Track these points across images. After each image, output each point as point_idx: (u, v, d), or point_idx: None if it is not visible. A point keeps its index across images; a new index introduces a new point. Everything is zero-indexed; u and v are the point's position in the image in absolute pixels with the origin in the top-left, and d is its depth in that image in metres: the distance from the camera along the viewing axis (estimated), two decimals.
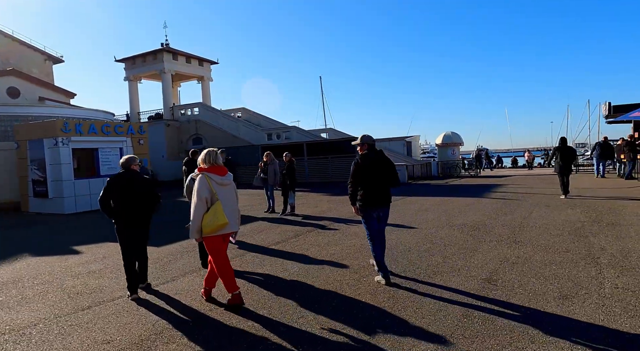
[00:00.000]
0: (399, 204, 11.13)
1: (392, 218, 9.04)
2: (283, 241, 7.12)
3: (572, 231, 6.67)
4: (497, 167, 35.49)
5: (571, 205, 9.52)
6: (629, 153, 15.30)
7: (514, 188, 14.15)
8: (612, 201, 9.73)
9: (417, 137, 27.25)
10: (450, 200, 11.41)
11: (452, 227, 7.49)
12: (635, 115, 12.81)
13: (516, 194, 12.12)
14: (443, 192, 14.41)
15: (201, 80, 30.02)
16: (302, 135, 22.80)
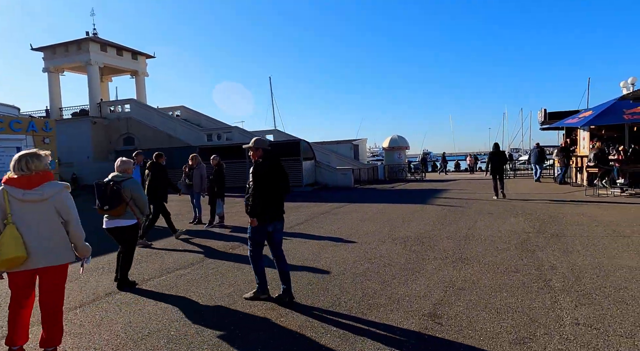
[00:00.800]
0: (341, 212, 10.33)
1: (331, 231, 8.17)
2: (195, 263, 5.95)
3: (518, 244, 6.19)
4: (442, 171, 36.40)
5: (513, 212, 9.26)
6: (563, 158, 15.83)
7: (457, 193, 13.98)
8: (551, 207, 9.63)
9: (365, 140, 26.99)
10: (394, 208, 10.82)
11: (394, 241, 6.76)
12: (569, 122, 13.17)
13: (460, 200, 11.84)
14: (388, 197, 13.90)
15: (135, 75, 27.59)
16: (245, 136, 21.45)
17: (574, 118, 13.15)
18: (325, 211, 10.79)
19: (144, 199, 5.04)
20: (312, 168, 19.46)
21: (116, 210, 4.77)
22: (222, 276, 5.24)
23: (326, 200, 13.38)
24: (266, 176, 4.17)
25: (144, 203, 5.01)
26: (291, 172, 18.56)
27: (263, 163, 4.25)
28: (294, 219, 9.56)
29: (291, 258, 5.87)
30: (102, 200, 4.76)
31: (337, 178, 19.32)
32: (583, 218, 8.10)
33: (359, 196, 14.60)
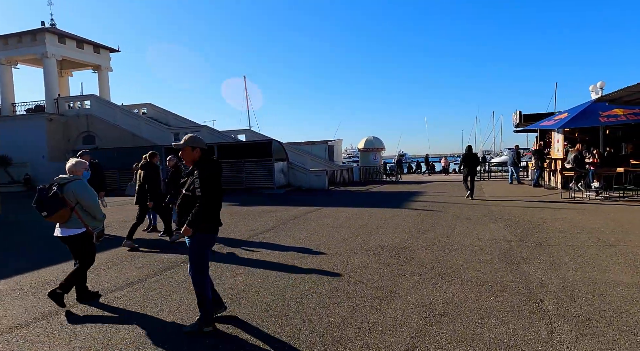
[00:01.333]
0: (312, 218, 9.63)
1: (299, 239, 7.31)
2: (138, 282, 5.10)
3: (501, 255, 5.67)
4: (416, 172, 36.37)
5: (491, 217, 8.83)
6: (537, 161, 15.73)
7: (433, 196, 13.56)
8: (529, 212, 9.27)
9: (340, 141, 26.41)
10: (368, 212, 10.21)
11: (367, 252, 6.11)
12: (544, 124, 13.00)
13: (436, 204, 11.38)
14: (363, 201, 13.32)
15: (98, 70, 25.97)
16: (215, 136, 20.46)
17: (549, 120, 12.97)
18: (295, 216, 10.06)
19: (93, 203, 4.26)
20: (284, 170, 18.69)
21: (57, 216, 4.09)
22: (166, 298, 4.42)
23: (298, 204, 12.65)
24: (218, 177, 3.57)
25: (94, 207, 4.25)
26: (263, 173, 17.75)
27: (211, 162, 3.58)
28: (259, 226, 8.78)
29: (249, 275, 5.10)
30: (39, 205, 4.08)
31: (311, 180, 18.63)
32: (564, 225, 7.73)
33: (332, 199, 13.95)
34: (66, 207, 4.10)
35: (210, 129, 21.13)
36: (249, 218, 10.02)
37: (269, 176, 17.60)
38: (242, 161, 17.95)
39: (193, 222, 3.44)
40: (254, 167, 17.81)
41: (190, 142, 3.61)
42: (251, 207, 12.28)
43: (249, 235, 7.85)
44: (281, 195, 15.93)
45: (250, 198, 14.99)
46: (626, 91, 8.86)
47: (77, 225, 4.19)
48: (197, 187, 3.43)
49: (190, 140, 3.62)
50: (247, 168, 17.88)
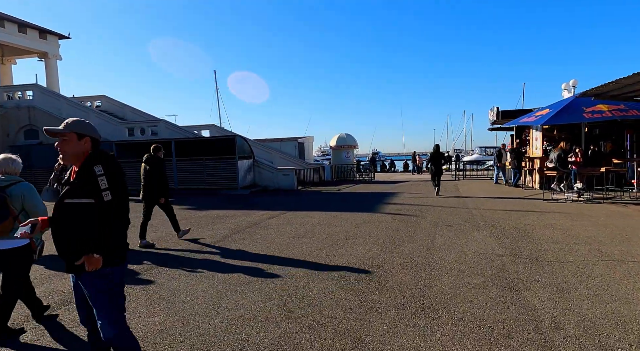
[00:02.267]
0: (273, 224, 8.36)
1: (251, 255, 5.82)
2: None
3: (494, 276, 4.62)
4: (390, 170, 35.69)
5: (474, 224, 7.86)
6: (514, 160, 15.08)
7: (409, 197, 12.57)
8: (514, 216, 8.37)
9: (311, 138, 25.19)
10: (338, 218, 9.05)
11: (332, 273, 4.92)
12: (524, 120, 12.29)
13: (412, 207, 10.36)
14: (333, 203, 12.16)
15: (44, 58, 23.56)
16: (174, 131, 18.76)
17: (529, 116, 12.24)
18: (254, 222, 8.76)
19: (44, 211, 3.40)
20: (250, 169, 17.29)
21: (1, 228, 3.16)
22: None
23: (260, 207, 11.34)
24: (124, 180, 2.48)
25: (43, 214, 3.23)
26: (225, 172, 16.29)
27: (112, 158, 2.47)
28: (208, 236, 7.43)
29: (170, 314, 3.78)
30: None
31: (279, 179, 17.32)
32: (556, 233, 6.83)
33: (300, 201, 12.72)
34: (9, 216, 3.17)
35: (169, 124, 19.39)
36: (199, 225, 8.64)
37: (232, 175, 16.17)
38: (202, 159, 16.41)
39: (102, 244, 2.29)
40: (216, 165, 16.32)
41: (75, 126, 2.42)
42: (207, 210, 10.86)
43: (193, 248, 6.50)
44: (244, 197, 14.55)
45: (209, 200, 13.52)
46: (617, 84, 8.09)
47: None
48: (103, 189, 2.30)
49: (75, 124, 2.43)
50: (209, 167, 16.36)
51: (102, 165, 2.34)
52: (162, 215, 10.28)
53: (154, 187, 6.75)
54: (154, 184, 6.75)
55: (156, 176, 6.74)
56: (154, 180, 6.74)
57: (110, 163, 2.40)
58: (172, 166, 16.55)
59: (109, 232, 2.30)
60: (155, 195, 6.78)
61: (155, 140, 17.68)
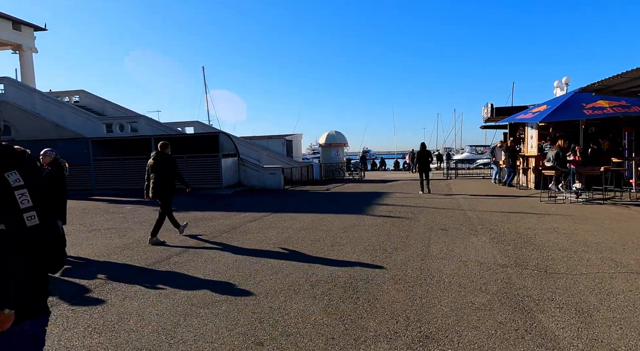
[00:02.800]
0: (254, 229, 7.65)
1: (224, 267, 4.93)
2: None
3: (501, 293, 3.99)
4: (381, 169, 35.19)
5: (471, 227, 7.27)
6: (508, 159, 14.58)
7: (400, 197, 11.96)
8: (512, 219, 7.80)
9: (300, 135, 24.45)
10: (325, 221, 8.38)
11: (314, 289, 4.25)
12: (521, 117, 11.78)
13: (404, 208, 9.74)
14: (321, 204, 11.49)
15: (18, 50, 22.40)
16: (155, 128, 17.87)
17: (526, 113, 11.71)
18: (233, 226, 8.05)
19: None
20: (234, 167, 16.52)
21: None
22: None
23: (243, 208, 10.62)
24: None
25: None
26: (208, 171, 15.50)
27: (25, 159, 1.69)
28: (180, 242, 6.70)
29: (111, 343, 3.06)
30: None
31: (265, 178, 16.59)
32: (561, 239, 6.26)
33: (286, 202, 12.02)
34: None
35: (149, 120, 18.47)
36: (172, 229, 7.90)
37: (216, 174, 15.39)
38: (184, 157, 15.57)
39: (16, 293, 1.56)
40: (199, 163, 15.52)
41: None
42: (185, 212, 10.10)
43: (159, 257, 5.76)
44: (227, 197, 13.78)
45: (189, 200, 12.74)
46: (623, 77, 7.56)
47: None
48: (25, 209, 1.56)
49: None
50: (191, 166, 15.54)
51: (18, 171, 1.58)
52: (138, 217, 9.58)
53: (164, 183, 6.61)
54: (164, 181, 6.60)
55: (166, 172, 6.60)
56: (163, 176, 6.58)
57: (29, 166, 1.64)
58: None
59: (29, 273, 1.55)
60: (167, 190, 6.64)
61: (134, 137, 16.79)
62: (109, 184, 16.19)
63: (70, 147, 16.27)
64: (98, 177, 16.23)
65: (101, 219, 9.35)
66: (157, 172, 6.62)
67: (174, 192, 6.88)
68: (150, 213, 10.18)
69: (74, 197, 14.30)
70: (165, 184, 6.66)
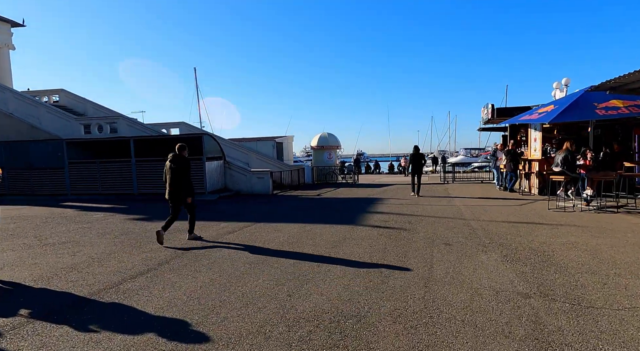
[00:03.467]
0: (231, 240, 6.69)
1: (180, 297, 3.96)
2: None
3: (530, 338, 3.08)
4: (375, 172, 34.36)
5: (479, 242, 6.37)
6: (509, 163, 13.77)
7: (397, 205, 11.07)
8: (522, 231, 6.93)
9: (291, 137, 23.50)
10: (313, 233, 7.45)
11: (290, 333, 3.31)
12: (525, 118, 10.96)
13: (401, 217, 8.84)
14: (310, 211, 10.54)
15: None
16: (136, 129, 16.84)
17: (531, 114, 10.89)
18: (208, 240, 7.09)
19: None
20: (220, 171, 15.53)
21: None
22: None
23: (223, 218, 9.65)
24: None
25: None
26: (191, 174, 14.50)
27: None
28: (140, 262, 5.71)
29: None
30: None
31: (253, 183, 15.62)
32: (584, 256, 5.38)
33: (272, 209, 11.07)
34: None
35: (130, 120, 17.42)
36: (139, 243, 6.92)
37: (199, 179, 14.38)
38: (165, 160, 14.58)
39: None
40: None
41: None
42: (159, 221, 9.10)
43: (108, 283, 4.78)
44: (210, 203, 12.79)
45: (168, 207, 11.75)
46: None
47: None
48: None
49: None
50: None
51: None
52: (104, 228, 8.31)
53: (181, 186, 6.64)
54: (181, 183, 6.63)
55: (183, 175, 6.66)
56: (181, 179, 6.63)
57: None
58: (131, 168, 14.67)
59: None
60: (182, 194, 6.66)
61: (112, 139, 15.74)
62: (85, 189, 15.13)
63: (43, 149, 15.20)
64: (73, 182, 15.16)
65: (61, 230, 8.32)
66: (174, 174, 6.63)
67: (193, 192, 6.92)
68: (120, 222, 9.17)
69: (42, 203, 13.22)
70: (186, 186, 6.71)
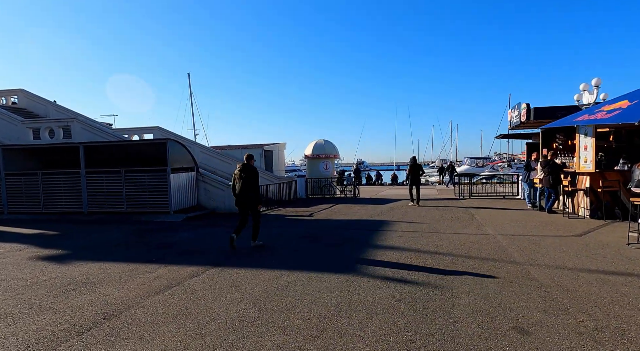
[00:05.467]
0: (151, 316, 3.88)
1: None
2: None
3: None
4: (377, 183, 31.61)
5: (574, 321, 3.60)
6: (547, 177, 11.04)
7: (411, 232, 8.25)
8: (626, 296, 4.19)
9: (282, 144, 20.75)
10: (288, 292, 4.66)
11: None
12: (582, 119, 8.28)
13: (423, 256, 6.05)
14: (293, 244, 7.72)
15: None
16: (93, 133, 14.13)
17: (591, 113, 8.20)
18: (121, 307, 4.30)
19: None
20: (191, 185, 12.78)
21: None
22: None
23: (168, 256, 6.87)
24: None
25: None
26: (153, 190, 11.75)
27: None
28: None
29: None
30: None
31: (232, 199, 12.86)
32: None
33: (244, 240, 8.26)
34: None
35: (87, 123, 14.70)
36: (22, 307, 4.13)
37: (163, 194, 11.64)
38: (120, 171, 11.83)
39: None
40: (139, 180, 11.77)
41: None
42: (77, 263, 6.34)
43: None
44: (169, 228, 10.00)
45: (112, 233, 8.97)
46: None
47: None
48: None
49: None
50: (130, 182, 11.80)
51: None
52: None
53: (250, 194, 6.91)
54: (250, 191, 6.90)
55: (253, 183, 6.93)
56: (250, 187, 6.90)
57: None
58: (81, 181, 11.92)
59: None
60: (252, 201, 6.95)
61: (57, 145, 12.89)
62: (25, 207, 12.37)
63: None
64: (10, 197, 12.40)
65: None
66: (244, 183, 6.88)
67: (261, 200, 7.25)
68: (24, 262, 6.36)
69: None
70: (254, 194, 6.96)
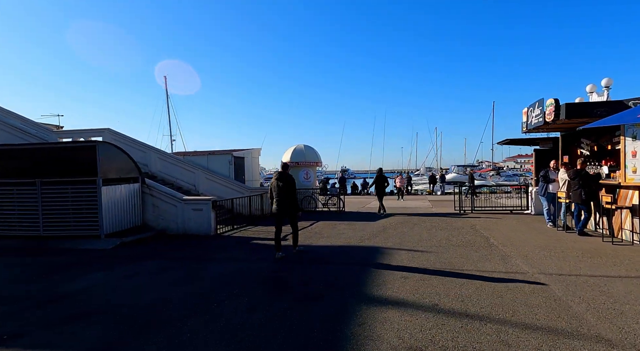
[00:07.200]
0: None
1: None
2: None
3: None
4: (363, 193, 29.33)
5: None
6: (578, 191, 8.92)
7: (418, 273, 5.86)
8: None
9: (257, 151, 18.17)
10: None
11: None
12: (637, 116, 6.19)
13: (446, 326, 3.66)
14: (242, 304, 5.20)
15: None
16: (12, 135, 11.36)
17: None
18: None
19: None
20: (134, 199, 10.17)
21: None
22: None
23: (49, 331, 4.31)
24: None
25: None
26: (81, 207, 9.09)
27: None
28: None
29: None
30: None
31: (186, 217, 10.30)
32: None
33: (185, 280, 5.74)
34: None
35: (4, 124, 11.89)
36: None
37: (92, 213, 9.00)
38: (35, 183, 9.14)
39: None
40: (62, 194, 9.10)
41: None
42: None
43: None
44: (90, 262, 7.35)
45: None
46: None
47: None
48: None
49: None
50: (48, 197, 9.11)
51: None
52: None
53: (288, 202, 7.05)
54: (288, 199, 7.05)
55: (290, 192, 7.05)
56: (288, 195, 7.04)
57: None
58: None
59: None
60: (291, 209, 7.12)
61: None
62: None
63: None
64: None
65: None
66: (281, 191, 6.99)
67: (299, 208, 7.44)
68: None
69: None
70: (291, 202, 7.09)
